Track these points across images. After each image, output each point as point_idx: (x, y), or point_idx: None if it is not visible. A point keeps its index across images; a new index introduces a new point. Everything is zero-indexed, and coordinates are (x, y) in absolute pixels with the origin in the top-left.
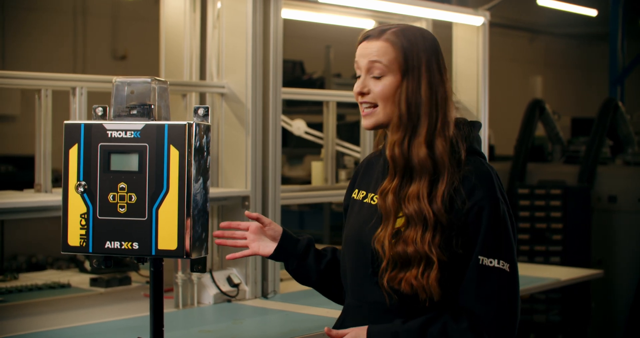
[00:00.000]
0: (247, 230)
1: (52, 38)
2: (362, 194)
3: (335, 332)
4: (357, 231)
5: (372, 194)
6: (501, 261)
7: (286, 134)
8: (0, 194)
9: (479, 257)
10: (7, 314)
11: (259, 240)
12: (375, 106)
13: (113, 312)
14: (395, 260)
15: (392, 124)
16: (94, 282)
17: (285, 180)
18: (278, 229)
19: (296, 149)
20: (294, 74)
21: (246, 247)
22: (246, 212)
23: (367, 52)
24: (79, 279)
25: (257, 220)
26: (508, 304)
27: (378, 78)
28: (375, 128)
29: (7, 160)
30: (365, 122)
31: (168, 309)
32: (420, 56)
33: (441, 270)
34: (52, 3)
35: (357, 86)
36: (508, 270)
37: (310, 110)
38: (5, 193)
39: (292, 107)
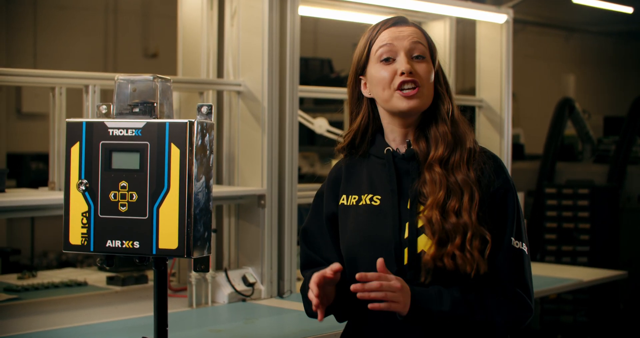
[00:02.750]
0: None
1: (83, 36)
2: (354, 198)
3: (385, 275)
4: (367, 234)
5: (370, 195)
6: (524, 244)
7: (312, 133)
8: (14, 192)
9: (511, 238)
10: (22, 312)
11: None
12: (418, 86)
13: (128, 310)
14: (442, 231)
15: (442, 99)
16: (110, 280)
17: (318, 178)
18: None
19: (325, 147)
20: (322, 72)
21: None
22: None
23: (406, 35)
24: (96, 277)
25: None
26: (532, 285)
27: (420, 61)
28: (418, 109)
29: (37, 158)
30: (412, 103)
31: (182, 308)
32: (436, 52)
33: (481, 242)
34: (83, 1)
35: (405, 65)
36: (527, 252)
37: (338, 108)
38: (20, 190)
39: (319, 106)
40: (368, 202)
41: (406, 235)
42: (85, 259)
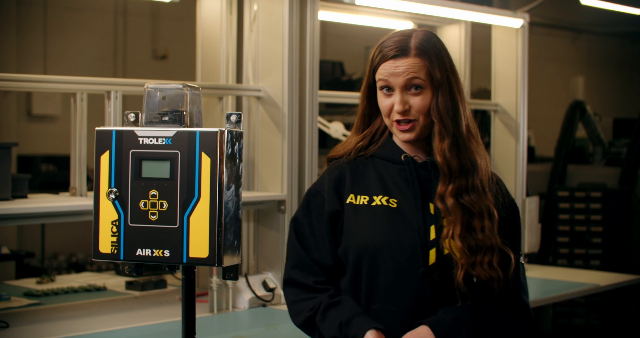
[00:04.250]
0: None
1: (92, 38)
2: (364, 198)
3: None
4: (389, 235)
5: (385, 197)
6: (523, 257)
7: (324, 135)
8: (37, 198)
9: (518, 254)
10: (43, 317)
11: None
12: (414, 120)
13: (148, 316)
14: (468, 253)
15: (438, 132)
16: (129, 285)
17: None
18: None
19: None
20: (333, 75)
21: None
22: None
23: (401, 71)
24: (115, 282)
25: None
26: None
27: (417, 93)
28: (416, 140)
29: (48, 160)
30: (408, 136)
31: (203, 314)
32: (447, 64)
33: (503, 260)
34: (93, 3)
35: (399, 105)
36: (524, 263)
37: (350, 111)
38: (42, 196)
39: (330, 109)
40: (384, 203)
41: (432, 236)
42: (96, 261)
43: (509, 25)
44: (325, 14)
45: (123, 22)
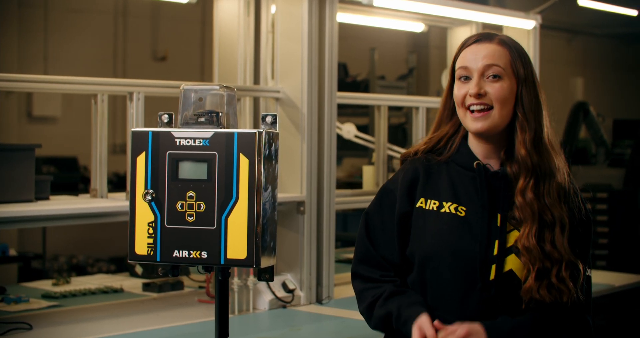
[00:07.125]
0: None
1: (93, 39)
2: (434, 203)
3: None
4: (452, 244)
5: (454, 205)
6: (591, 270)
7: (336, 137)
8: (59, 200)
9: (586, 267)
10: (64, 319)
11: None
12: (490, 108)
13: (169, 317)
14: (543, 259)
15: (520, 126)
16: (146, 287)
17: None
18: None
19: (341, 151)
20: (337, 76)
21: None
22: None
23: (483, 55)
24: (131, 284)
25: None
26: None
27: (495, 80)
28: (488, 131)
29: (48, 161)
30: (479, 125)
31: None
32: (530, 63)
33: (572, 271)
34: (93, 4)
35: (474, 88)
36: (591, 275)
37: (355, 112)
38: (63, 198)
39: (338, 109)
40: (452, 211)
41: (495, 252)
42: (96, 262)
43: (521, 26)
44: (342, 16)
45: (123, 23)
